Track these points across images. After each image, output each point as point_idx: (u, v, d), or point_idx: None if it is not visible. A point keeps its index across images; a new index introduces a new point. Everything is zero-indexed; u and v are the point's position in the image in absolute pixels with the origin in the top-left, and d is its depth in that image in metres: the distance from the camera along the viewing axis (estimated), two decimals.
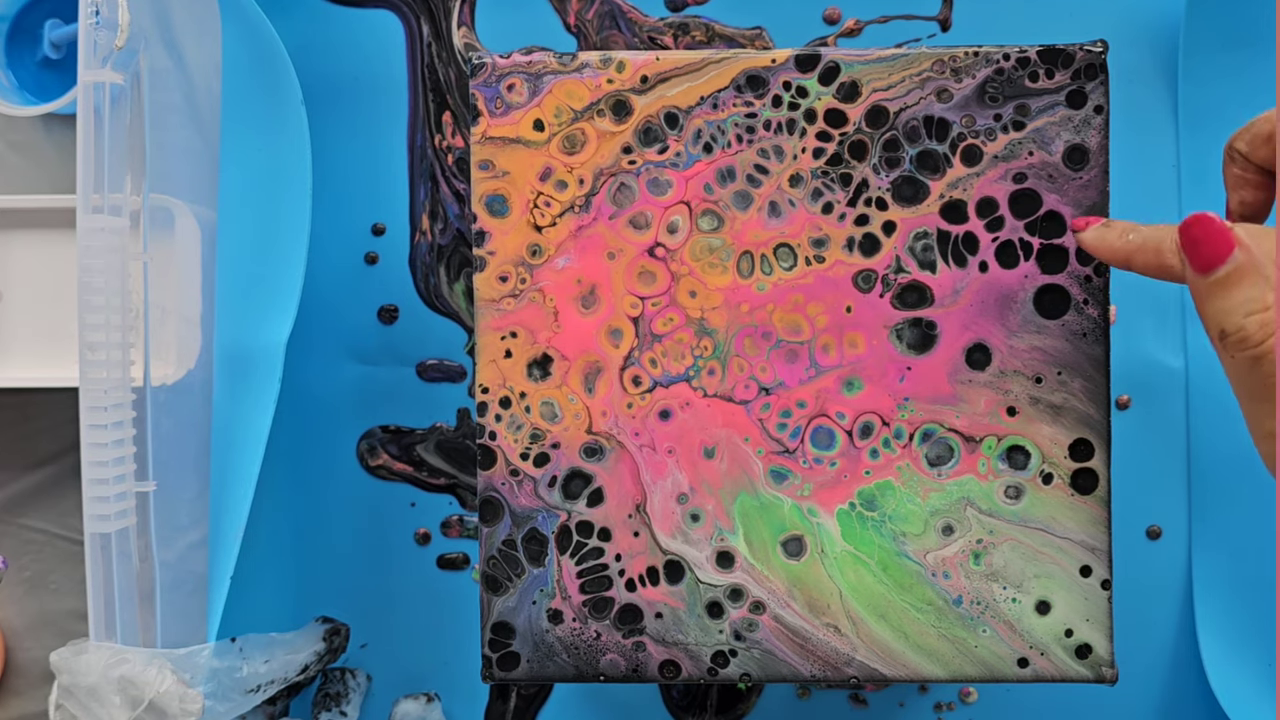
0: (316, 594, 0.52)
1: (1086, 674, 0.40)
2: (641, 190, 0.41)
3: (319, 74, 0.52)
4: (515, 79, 0.41)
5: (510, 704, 0.53)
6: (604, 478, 0.41)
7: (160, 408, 0.43)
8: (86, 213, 0.40)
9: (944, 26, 0.51)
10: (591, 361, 0.41)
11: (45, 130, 0.53)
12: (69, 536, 0.54)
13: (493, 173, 0.41)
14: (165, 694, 0.41)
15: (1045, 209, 0.40)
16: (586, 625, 0.41)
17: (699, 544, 0.41)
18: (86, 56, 0.40)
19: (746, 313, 0.41)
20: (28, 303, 0.52)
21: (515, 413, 0.41)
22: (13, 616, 0.54)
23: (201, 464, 0.46)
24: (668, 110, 0.41)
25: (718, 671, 0.41)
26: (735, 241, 0.41)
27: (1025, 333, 0.40)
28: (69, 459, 0.54)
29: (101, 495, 0.40)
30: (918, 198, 0.40)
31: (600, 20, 0.52)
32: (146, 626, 0.43)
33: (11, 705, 0.54)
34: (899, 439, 0.40)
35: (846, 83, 0.40)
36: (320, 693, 0.52)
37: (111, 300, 0.41)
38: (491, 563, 0.41)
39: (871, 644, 0.40)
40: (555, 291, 0.41)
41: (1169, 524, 0.51)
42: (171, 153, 0.44)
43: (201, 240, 0.46)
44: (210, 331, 0.46)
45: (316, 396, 0.53)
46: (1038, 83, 0.40)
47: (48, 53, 0.52)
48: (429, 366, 0.53)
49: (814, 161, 0.40)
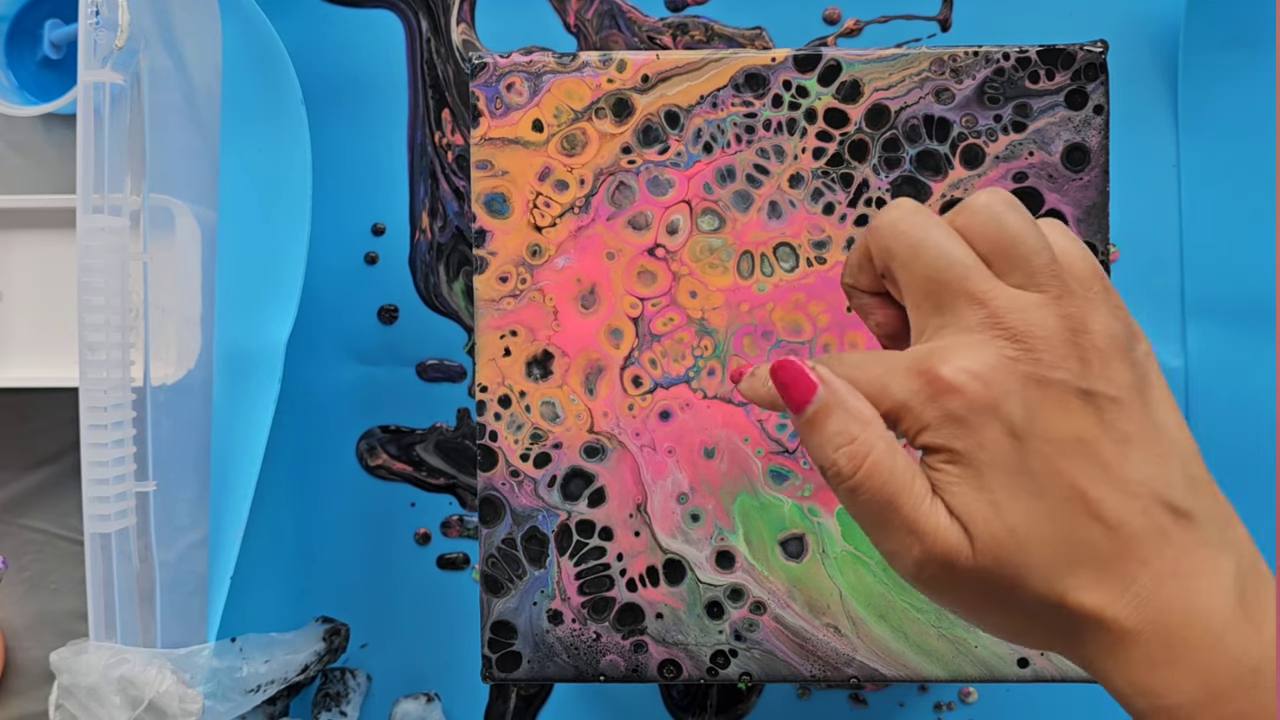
0: (316, 594, 0.52)
1: (1086, 674, 0.40)
2: (641, 190, 0.41)
3: (319, 74, 0.51)
4: (515, 78, 0.41)
5: (510, 704, 0.53)
6: (606, 477, 0.41)
7: (160, 408, 0.43)
8: (86, 213, 0.40)
9: (944, 26, 0.51)
10: (592, 360, 0.41)
11: (45, 130, 0.53)
12: (69, 536, 0.54)
13: (492, 172, 0.41)
14: (165, 694, 0.41)
15: (1045, 209, 0.40)
16: (586, 626, 0.41)
17: (699, 544, 0.41)
18: (86, 56, 0.40)
19: (746, 312, 0.41)
20: (28, 303, 0.52)
21: (515, 412, 0.41)
22: (13, 616, 0.54)
23: (201, 464, 0.46)
24: (668, 109, 0.41)
25: (718, 671, 0.41)
26: (736, 241, 0.41)
27: None
28: (69, 459, 0.54)
29: (101, 495, 0.40)
30: (918, 198, 0.40)
31: (600, 20, 0.52)
32: (146, 626, 0.43)
33: (11, 705, 0.54)
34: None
35: (847, 82, 0.40)
36: (320, 693, 0.52)
37: (111, 300, 0.41)
38: (491, 562, 0.41)
39: (871, 644, 0.40)
40: (555, 291, 0.41)
41: None
42: (171, 153, 0.44)
43: (201, 240, 0.46)
44: (210, 331, 0.46)
45: (316, 396, 0.53)
46: (1038, 83, 0.40)
47: (48, 53, 0.52)
48: (429, 366, 0.53)
49: (814, 162, 0.40)
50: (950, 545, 0.26)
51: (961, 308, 0.27)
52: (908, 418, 0.27)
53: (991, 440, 0.26)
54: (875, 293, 0.31)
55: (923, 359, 0.26)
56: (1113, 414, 0.26)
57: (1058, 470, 0.25)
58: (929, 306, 0.27)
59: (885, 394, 0.27)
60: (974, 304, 0.27)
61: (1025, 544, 0.25)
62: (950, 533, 0.26)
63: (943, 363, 0.26)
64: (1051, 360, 0.26)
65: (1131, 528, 0.25)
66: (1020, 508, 0.25)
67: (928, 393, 0.26)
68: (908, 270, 0.28)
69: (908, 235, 0.28)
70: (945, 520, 0.26)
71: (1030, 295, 0.27)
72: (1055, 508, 0.25)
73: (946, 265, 0.27)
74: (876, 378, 0.27)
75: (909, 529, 0.26)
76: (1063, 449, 0.26)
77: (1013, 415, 0.25)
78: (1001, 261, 0.27)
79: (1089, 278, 0.28)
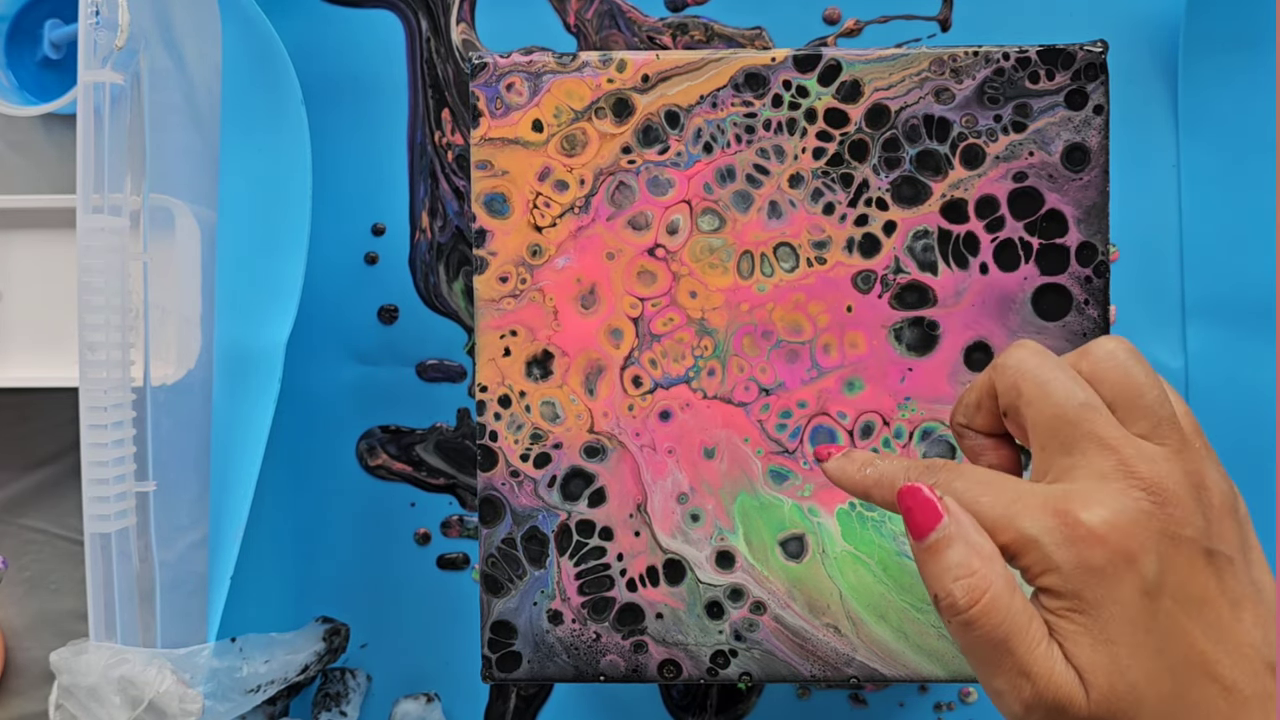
0: (316, 594, 0.52)
1: None
2: (641, 190, 0.41)
3: (319, 74, 0.51)
4: (515, 78, 0.41)
5: (510, 704, 0.53)
6: (606, 477, 0.41)
7: (160, 408, 0.43)
8: (86, 213, 0.40)
9: (944, 26, 0.51)
10: (592, 360, 0.41)
11: (45, 130, 0.53)
12: (69, 536, 0.54)
13: (492, 172, 0.41)
14: (165, 694, 0.41)
15: (1045, 209, 0.40)
16: (586, 626, 0.41)
17: (699, 544, 0.41)
18: (86, 56, 0.40)
19: (746, 312, 0.41)
20: (28, 303, 0.52)
21: (515, 412, 0.41)
22: (13, 616, 0.54)
23: (201, 464, 0.46)
24: (668, 109, 0.41)
25: (718, 671, 0.41)
26: (736, 241, 0.41)
27: (1026, 333, 0.40)
28: (69, 459, 0.54)
29: (101, 495, 0.40)
30: (918, 198, 0.40)
31: (600, 20, 0.52)
32: (146, 626, 0.43)
33: (11, 705, 0.54)
34: (899, 438, 0.40)
35: (847, 82, 0.40)
36: (320, 693, 0.52)
37: (111, 300, 0.41)
38: (491, 562, 0.41)
39: (871, 644, 0.40)
40: (555, 291, 0.41)
41: None
42: (171, 153, 0.44)
43: (201, 240, 0.46)
44: (210, 331, 0.46)
45: (316, 396, 0.53)
46: (1038, 83, 0.40)
47: (48, 53, 0.52)
48: (429, 366, 0.53)
49: (814, 162, 0.40)
50: (1064, 693, 0.25)
51: (1092, 452, 0.27)
52: (1034, 555, 0.26)
53: (1125, 595, 0.25)
54: (990, 434, 0.30)
55: (1060, 499, 0.26)
56: (1228, 575, 0.26)
57: (1183, 630, 0.25)
58: (1056, 445, 0.27)
59: (1012, 526, 0.26)
60: (1105, 449, 0.26)
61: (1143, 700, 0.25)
62: (1065, 679, 0.26)
63: (1084, 508, 0.26)
64: (1183, 517, 0.26)
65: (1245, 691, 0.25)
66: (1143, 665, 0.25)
67: (1064, 535, 0.26)
68: (1035, 409, 0.28)
69: (1036, 375, 0.28)
70: (1061, 666, 0.26)
71: (1157, 447, 0.27)
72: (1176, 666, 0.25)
73: (1077, 407, 0.27)
74: (1005, 505, 0.27)
75: (1022, 671, 0.26)
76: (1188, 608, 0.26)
77: (1147, 571, 0.25)
78: (1127, 410, 0.27)
79: (1195, 434, 0.28)
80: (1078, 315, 0.40)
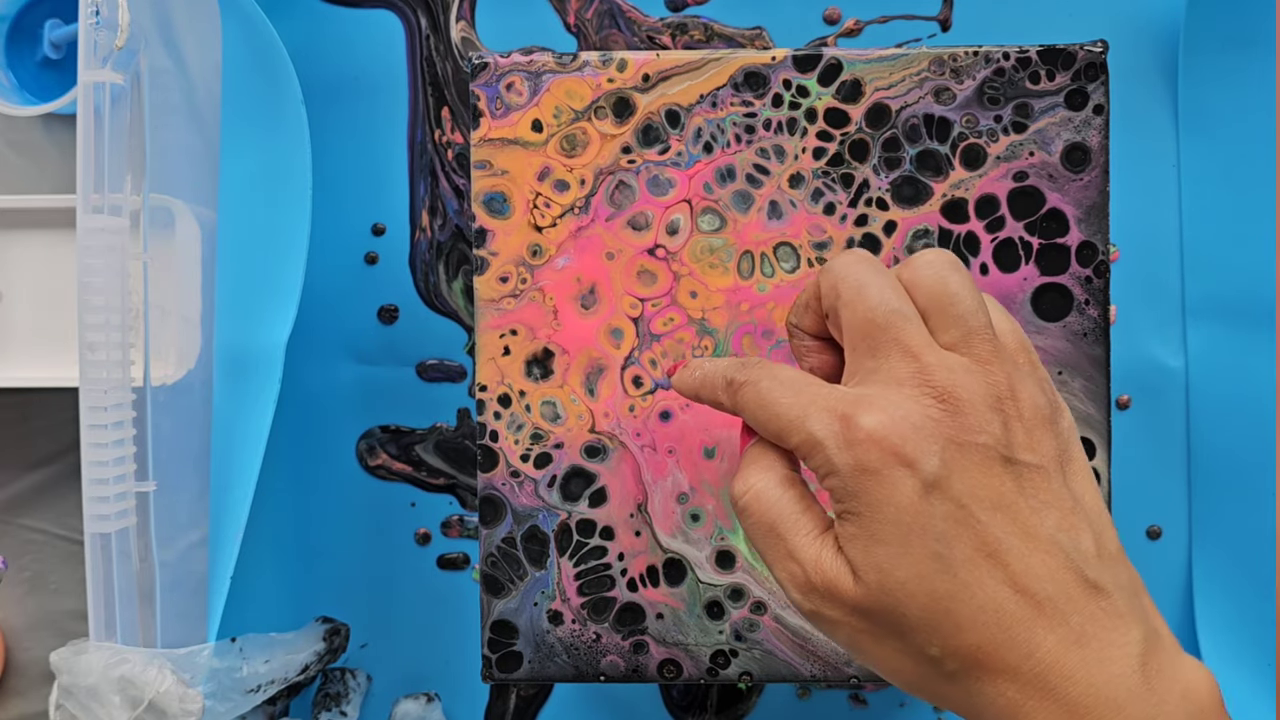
0: (316, 594, 0.52)
1: None
2: (641, 190, 0.41)
3: (319, 74, 0.51)
4: (515, 78, 0.41)
5: (510, 704, 0.53)
6: (606, 477, 0.41)
7: (160, 408, 0.43)
8: (86, 213, 0.40)
9: (944, 26, 0.51)
10: (593, 360, 0.41)
11: (45, 130, 0.53)
12: (69, 536, 0.54)
13: (492, 172, 0.41)
14: (165, 694, 0.41)
15: (1046, 209, 0.40)
16: (586, 626, 0.41)
17: (699, 543, 0.41)
18: (86, 56, 0.40)
19: (747, 312, 0.41)
20: (28, 303, 0.52)
21: (515, 411, 0.41)
22: (13, 616, 0.54)
23: (201, 464, 0.46)
24: (669, 108, 0.41)
25: (718, 671, 0.41)
26: (736, 241, 0.41)
27: (1026, 333, 0.40)
28: (69, 459, 0.54)
29: (101, 495, 0.40)
30: (919, 198, 0.40)
31: (600, 19, 0.52)
32: (146, 626, 0.43)
33: (11, 705, 0.54)
34: None
35: (848, 81, 0.40)
36: (320, 693, 0.52)
37: (111, 300, 0.41)
38: (491, 562, 0.41)
39: None
40: (555, 291, 0.41)
41: (1169, 524, 0.51)
42: (171, 153, 0.44)
43: (201, 240, 0.46)
44: (210, 331, 0.46)
45: (316, 396, 0.53)
46: (1038, 83, 0.40)
47: (48, 53, 0.52)
48: (429, 366, 0.53)
49: (815, 162, 0.40)
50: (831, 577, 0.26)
51: (895, 357, 0.27)
52: (819, 458, 0.27)
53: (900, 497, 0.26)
54: (816, 336, 0.31)
55: (848, 404, 0.27)
56: (1033, 481, 0.26)
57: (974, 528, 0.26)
58: (865, 349, 0.28)
59: (804, 428, 0.27)
60: (906, 356, 0.27)
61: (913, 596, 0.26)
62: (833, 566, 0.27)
63: (865, 412, 0.26)
64: (974, 424, 0.26)
65: (1041, 593, 0.25)
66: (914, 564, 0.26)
67: (844, 438, 0.26)
68: (850, 310, 0.28)
69: (855, 277, 0.28)
70: (830, 554, 0.27)
71: (960, 358, 0.27)
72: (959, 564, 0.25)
73: (886, 311, 0.28)
74: (801, 407, 0.28)
75: (791, 555, 0.27)
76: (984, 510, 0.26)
77: (926, 474, 0.26)
78: (938, 316, 0.28)
79: (1017, 350, 0.28)
80: (1078, 315, 0.40)
